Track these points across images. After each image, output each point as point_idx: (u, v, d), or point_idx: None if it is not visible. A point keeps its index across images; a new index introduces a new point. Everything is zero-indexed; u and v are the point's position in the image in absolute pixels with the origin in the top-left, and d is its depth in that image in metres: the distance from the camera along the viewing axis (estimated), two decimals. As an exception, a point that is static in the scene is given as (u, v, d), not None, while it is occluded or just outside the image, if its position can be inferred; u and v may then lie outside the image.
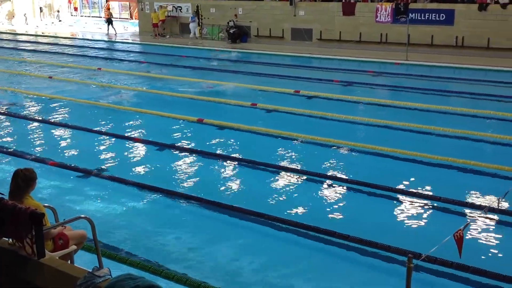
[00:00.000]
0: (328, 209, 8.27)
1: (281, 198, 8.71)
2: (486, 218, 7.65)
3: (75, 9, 48.15)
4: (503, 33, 21.69)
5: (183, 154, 10.93)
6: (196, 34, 29.21)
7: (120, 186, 9.18)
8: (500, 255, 6.91)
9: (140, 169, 10.10)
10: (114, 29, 33.19)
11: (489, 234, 7.38)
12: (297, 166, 10.12)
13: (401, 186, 8.84)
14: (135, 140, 11.80)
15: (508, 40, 21.65)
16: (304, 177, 9.54)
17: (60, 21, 44.28)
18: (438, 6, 23.09)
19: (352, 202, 8.63)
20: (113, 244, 7.07)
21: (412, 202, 8.40)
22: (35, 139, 12.19)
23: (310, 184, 9.32)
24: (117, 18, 46.38)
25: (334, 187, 9.11)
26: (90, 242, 5.89)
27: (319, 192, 8.98)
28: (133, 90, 17.40)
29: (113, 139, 11.96)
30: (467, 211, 7.95)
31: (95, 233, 5.46)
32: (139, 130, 12.59)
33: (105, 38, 31.95)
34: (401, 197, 8.56)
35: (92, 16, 47.31)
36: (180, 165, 10.32)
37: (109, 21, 33.26)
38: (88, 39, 32.17)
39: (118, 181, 9.34)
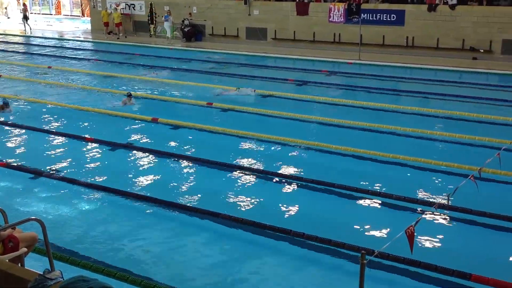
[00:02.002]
0: (282, 208, 8.32)
1: (236, 197, 8.71)
2: (436, 214, 7.86)
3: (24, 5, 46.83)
4: (451, 33, 22.32)
5: (137, 153, 10.80)
6: (169, 34, 28.11)
7: (72, 187, 9.00)
8: (449, 250, 7.12)
9: (92, 170, 9.93)
10: (29, 26, 32.54)
11: (439, 229, 7.59)
12: (252, 165, 10.14)
13: (354, 184, 8.96)
14: (88, 140, 11.58)
15: (456, 40, 22.29)
16: (259, 176, 9.57)
17: (8, 18, 42.98)
18: (389, 7, 23.56)
19: (306, 200, 8.71)
20: (65, 246, 6.93)
21: (365, 199, 8.55)
22: (-17, 140, 11.82)
23: (265, 182, 9.36)
24: (68, 15, 45.48)
25: (288, 185, 9.18)
26: (41, 244, 5.75)
27: (274, 190, 9.03)
28: (85, 89, 17.06)
29: (65, 139, 11.71)
30: (418, 208, 8.13)
31: (46, 235, 5.32)
32: (92, 130, 12.36)
33: (57, 36, 31.26)
34: (354, 194, 8.69)
35: (42, 14, 46.12)
36: (134, 165, 10.19)
37: (25, 18, 32.47)
38: (38, 37, 31.33)
39: (70, 182, 9.16)
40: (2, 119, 13.31)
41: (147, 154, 10.76)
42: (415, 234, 4.85)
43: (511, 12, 21.18)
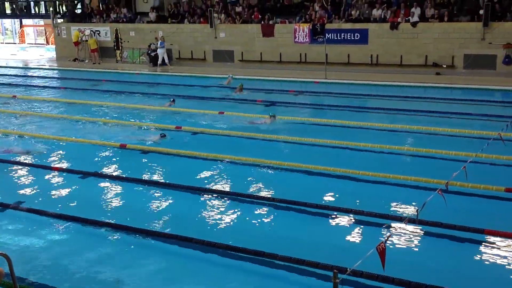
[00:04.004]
0: (254, 229, 8.29)
1: (207, 221, 8.65)
2: (407, 229, 7.94)
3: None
4: (414, 50, 22.83)
5: (106, 181, 10.66)
6: (166, 60, 27.34)
7: (40, 218, 8.80)
8: (422, 264, 7.17)
9: (61, 199, 9.74)
10: None
11: (411, 244, 7.65)
12: (223, 187, 10.11)
13: (324, 202, 9.00)
14: (55, 169, 11.38)
15: (419, 57, 22.79)
16: (230, 198, 9.53)
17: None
18: (353, 26, 23.99)
19: (277, 220, 8.68)
20: (33, 280, 6.75)
21: (337, 217, 8.58)
22: None
23: (235, 204, 9.31)
24: (32, 43, 45.04)
25: (259, 206, 9.14)
26: (8, 279, 5.60)
27: (245, 212, 8.98)
28: (51, 117, 16.82)
29: (31, 169, 11.49)
30: (388, 223, 8.20)
31: (13, 269, 5.19)
32: (59, 158, 12.17)
33: (21, 65, 30.88)
34: (325, 212, 8.72)
35: (6, 43, 45.57)
36: (104, 193, 10.05)
37: None
38: (1, 66, 30.87)
39: (38, 213, 8.95)
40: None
41: (116, 181, 10.63)
42: (386, 250, 4.89)
43: (471, 27, 21.80)
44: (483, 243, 7.59)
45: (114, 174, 11.05)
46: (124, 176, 10.83)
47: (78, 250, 7.77)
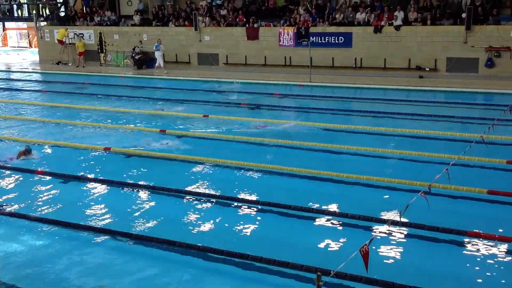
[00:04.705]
0: (239, 232, 8.29)
1: (190, 224, 8.63)
2: (391, 231, 7.98)
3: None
4: (397, 53, 23.01)
5: (90, 184, 10.58)
6: (161, 64, 26.29)
7: (22, 223, 8.72)
8: (405, 266, 7.22)
9: (43, 203, 9.65)
10: None
11: (394, 246, 7.70)
12: (207, 190, 10.08)
13: (308, 205, 9.03)
14: (37, 172, 11.28)
15: (402, 60, 22.98)
16: (213, 201, 9.52)
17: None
18: (337, 29, 24.12)
19: (262, 223, 8.69)
20: (16, 284, 6.69)
21: (321, 220, 8.61)
22: None
23: (219, 207, 9.31)
24: (15, 47, 44.62)
25: (244, 209, 9.15)
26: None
27: (229, 215, 8.99)
28: (34, 121, 16.68)
29: (14, 173, 11.37)
30: (372, 225, 8.24)
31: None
32: (42, 162, 12.05)
33: (3, 68, 30.58)
34: (310, 215, 8.74)
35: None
36: (88, 196, 9.97)
37: None
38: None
39: (20, 217, 8.87)
40: None
41: (99, 184, 10.56)
42: (369, 252, 4.92)
43: (453, 31, 22.03)
44: (466, 245, 7.67)
45: (98, 177, 10.97)
46: (108, 179, 10.75)
47: (60, 254, 7.71)
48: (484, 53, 21.58)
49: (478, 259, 7.33)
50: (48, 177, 11.05)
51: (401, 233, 8.01)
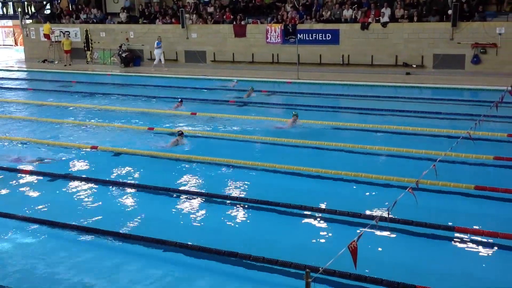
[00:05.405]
0: (227, 230, 8.28)
1: (179, 222, 8.61)
2: (379, 227, 8.00)
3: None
4: (384, 50, 23.09)
5: (77, 183, 10.50)
6: (162, 60, 26.05)
7: (9, 222, 8.63)
8: (393, 262, 7.24)
9: (30, 202, 9.57)
10: None
11: (382, 243, 7.73)
12: (195, 188, 10.06)
13: (297, 202, 9.02)
14: (24, 172, 11.18)
15: (389, 57, 23.07)
16: (202, 199, 9.50)
17: None
18: (324, 26, 24.16)
19: (250, 221, 8.69)
20: (1, 284, 6.64)
21: (310, 217, 8.62)
22: None
23: (208, 205, 9.28)
24: (0, 45, 44.20)
25: (232, 207, 9.12)
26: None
27: (217, 213, 8.96)
28: (20, 119, 16.52)
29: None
30: (360, 222, 8.25)
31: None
32: (28, 161, 11.94)
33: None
34: (299, 212, 8.74)
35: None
36: (75, 195, 9.90)
37: None
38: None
39: (6, 216, 8.78)
40: None
41: (87, 182, 10.49)
42: (358, 248, 4.93)
43: (440, 27, 22.16)
44: (454, 240, 7.71)
45: (85, 176, 10.90)
46: (95, 178, 10.68)
47: (48, 253, 7.66)
48: (470, 50, 21.72)
49: (466, 255, 7.39)
50: (34, 176, 10.95)
51: (389, 229, 8.04)
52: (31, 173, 11.11)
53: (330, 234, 8.11)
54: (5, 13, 36.10)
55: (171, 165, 11.55)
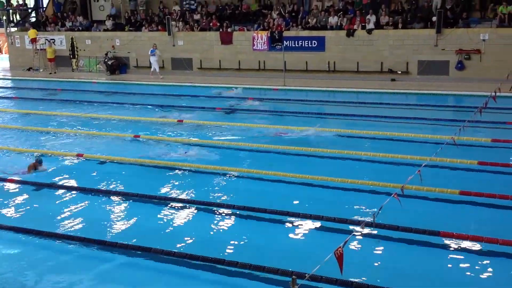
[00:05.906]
0: (214, 237, 8.27)
1: (165, 230, 8.58)
2: (365, 233, 8.04)
3: None
4: (370, 56, 23.24)
5: (62, 192, 10.43)
6: (157, 69, 25.65)
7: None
8: (379, 267, 7.28)
9: (15, 212, 9.49)
10: None
11: (368, 248, 7.76)
12: (181, 196, 10.03)
13: (283, 208, 9.03)
14: (8, 180, 11.08)
15: (375, 63, 23.22)
16: (188, 206, 9.48)
17: None
18: (310, 33, 24.27)
19: (237, 227, 8.68)
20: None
21: (296, 223, 8.63)
22: None
23: (194, 212, 9.27)
24: (-16, 52, 43.79)
25: (220, 213, 9.13)
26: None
27: (205, 220, 8.95)
28: (4, 128, 16.39)
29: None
30: (346, 227, 8.29)
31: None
32: (13, 170, 11.83)
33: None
34: (283, 218, 8.76)
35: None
36: (60, 204, 9.82)
37: None
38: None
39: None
40: None
41: (72, 191, 10.42)
42: (344, 254, 4.94)
43: (424, 34, 22.36)
44: (439, 245, 7.76)
45: (71, 184, 10.83)
46: (80, 186, 10.62)
47: (32, 263, 7.59)
48: (455, 56, 21.94)
49: (451, 259, 7.44)
50: (19, 185, 10.86)
51: (375, 234, 8.08)
52: (15, 182, 11.01)
53: (316, 240, 8.13)
54: (-11, 21, 35.82)
55: (157, 173, 11.51)
